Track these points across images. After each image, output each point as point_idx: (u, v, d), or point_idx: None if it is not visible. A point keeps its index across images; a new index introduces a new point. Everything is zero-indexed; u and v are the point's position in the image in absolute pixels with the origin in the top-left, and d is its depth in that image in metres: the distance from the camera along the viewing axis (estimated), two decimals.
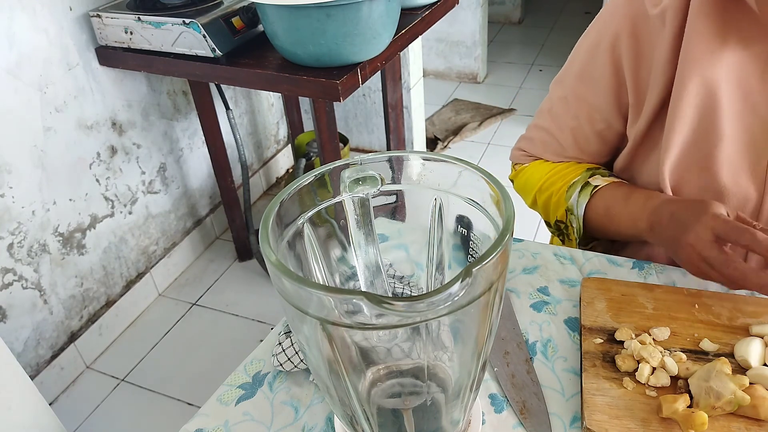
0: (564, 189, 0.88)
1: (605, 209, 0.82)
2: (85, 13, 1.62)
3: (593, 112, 0.85)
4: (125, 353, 1.87)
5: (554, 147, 0.92)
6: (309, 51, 1.32)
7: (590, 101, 0.85)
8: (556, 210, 0.90)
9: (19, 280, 1.59)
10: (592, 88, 0.84)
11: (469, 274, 0.41)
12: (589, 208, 0.84)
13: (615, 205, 0.81)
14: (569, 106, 0.88)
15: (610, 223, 0.82)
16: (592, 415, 0.58)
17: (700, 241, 0.67)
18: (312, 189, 0.54)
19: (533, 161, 0.96)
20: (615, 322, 0.68)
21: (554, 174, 0.91)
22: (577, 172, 0.88)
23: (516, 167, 1.00)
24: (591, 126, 0.87)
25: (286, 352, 0.67)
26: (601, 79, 0.82)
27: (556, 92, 0.91)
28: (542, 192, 0.92)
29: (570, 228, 0.88)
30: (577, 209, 0.85)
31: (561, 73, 0.90)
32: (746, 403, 0.56)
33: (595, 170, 0.88)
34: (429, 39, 3.20)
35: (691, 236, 0.68)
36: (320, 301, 0.43)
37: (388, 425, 0.56)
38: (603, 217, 0.83)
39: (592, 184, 0.85)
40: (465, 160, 0.53)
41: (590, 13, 3.95)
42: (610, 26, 0.79)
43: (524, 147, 0.98)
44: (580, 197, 0.85)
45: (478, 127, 2.83)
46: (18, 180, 1.54)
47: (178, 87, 1.99)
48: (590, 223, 0.85)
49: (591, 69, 0.83)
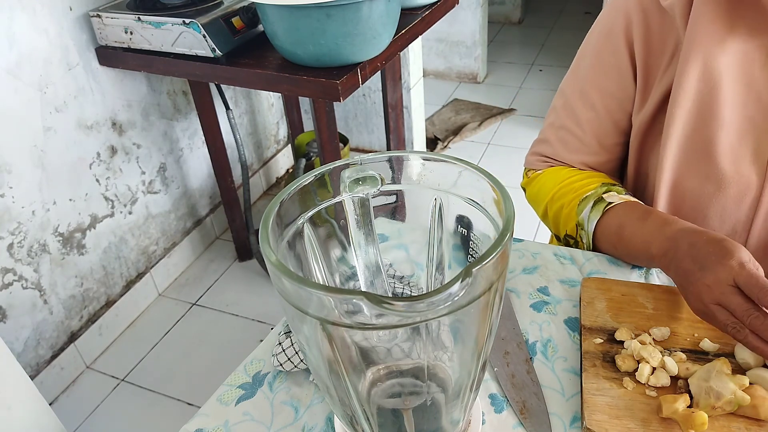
0: (576, 202, 0.84)
1: (618, 227, 0.78)
2: (85, 13, 1.62)
3: (610, 100, 0.84)
4: (125, 353, 1.87)
5: (573, 144, 0.89)
6: (309, 51, 1.32)
7: (607, 89, 0.84)
8: (567, 223, 0.86)
9: (19, 280, 1.59)
10: (609, 75, 0.83)
11: (469, 274, 0.41)
12: (600, 225, 0.80)
13: (629, 225, 0.77)
14: (586, 97, 0.86)
15: (620, 242, 0.78)
16: (592, 415, 0.58)
17: (719, 285, 0.62)
18: (312, 189, 0.54)
19: (549, 167, 0.92)
20: (615, 322, 0.68)
21: (568, 185, 0.87)
22: (591, 186, 0.84)
23: (529, 174, 0.96)
24: (609, 115, 0.85)
25: (286, 352, 0.67)
26: (617, 64, 0.82)
27: (570, 86, 0.89)
28: (554, 202, 0.88)
29: (580, 243, 0.85)
30: (588, 224, 0.81)
31: (573, 68, 0.89)
32: (746, 403, 0.56)
33: (611, 186, 0.84)
34: (429, 39, 3.20)
35: (710, 277, 0.62)
36: (320, 301, 0.43)
37: (388, 425, 0.56)
38: (614, 236, 0.79)
39: (606, 200, 0.80)
40: (465, 160, 0.53)
41: (590, 13, 3.96)
42: (622, 13, 0.80)
43: (540, 151, 0.94)
44: (592, 213, 0.81)
45: (478, 127, 2.83)
46: (18, 180, 1.54)
47: (178, 87, 1.99)
48: (600, 241, 0.81)
49: (605, 56, 0.83)
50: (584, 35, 0.88)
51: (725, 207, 0.78)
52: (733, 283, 0.61)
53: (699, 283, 0.63)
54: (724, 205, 0.78)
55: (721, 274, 0.62)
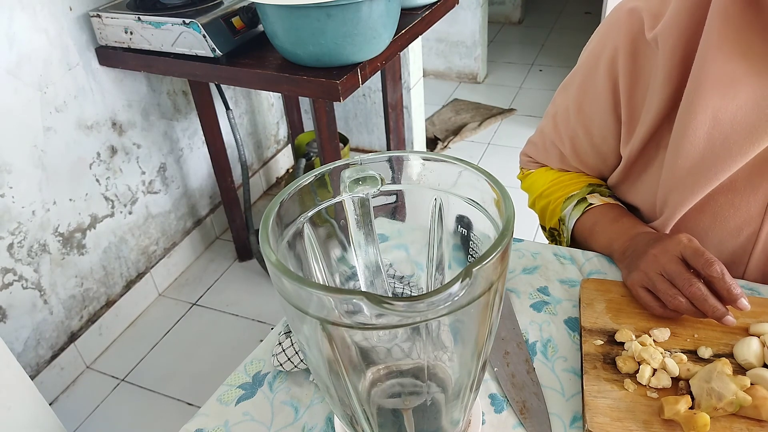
0: (561, 200, 0.89)
1: (592, 225, 0.84)
2: (85, 13, 1.62)
3: (591, 125, 0.84)
4: (125, 353, 1.87)
5: (556, 155, 0.92)
6: (309, 51, 1.32)
7: (589, 114, 0.84)
8: (551, 218, 0.92)
9: (19, 280, 1.59)
10: (591, 101, 0.82)
11: (469, 274, 0.40)
12: (578, 222, 0.86)
13: (600, 224, 0.83)
14: (570, 116, 0.87)
15: (591, 237, 0.84)
16: (593, 418, 0.58)
17: (665, 254, 0.67)
18: (312, 189, 0.54)
19: (539, 167, 0.97)
20: (615, 323, 0.68)
21: (556, 184, 0.92)
22: (578, 186, 0.89)
23: (523, 170, 1.02)
24: (588, 139, 0.86)
25: (286, 352, 0.67)
26: (599, 93, 0.80)
27: (560, 99, 0.89)
28: (542, 198, 0.94)
29: (561, 237, 0.91)
30: (568, 221, 0.87)
31: (568, 79, 0.89)
32: (748, 403, 0.55)
33: (596, 187, 0.88)
34: (429, 39, 3.20)
35: (658, 248, 0.68)
36: (320, 301, 0.43)
37: (388, 425, 0.56)
38: (587, 232, 0.85)
39: (588, 201, 0.86)
40: (465, 160, 0.53)
41: (590, 13, 3.96)
42: (610, 41, 0.77)
43: (530, 152, 0.99)
44: (574, 211, 0.87)
45: (478, 127, 2.83)
46: (18, 180, 1.54)
47: (178, 87, 1.99)
48: (576, 236, 0.88)
49: (590, 82, 0.82)
50: (584, 35, 0.88)
51: (722, 239, 0.76)
52: (680, 255, 0.67)
53: (647, 255, 0.69)
54: (722, 237, 0.76)
55: (669, 245, 0.68)
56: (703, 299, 0.64)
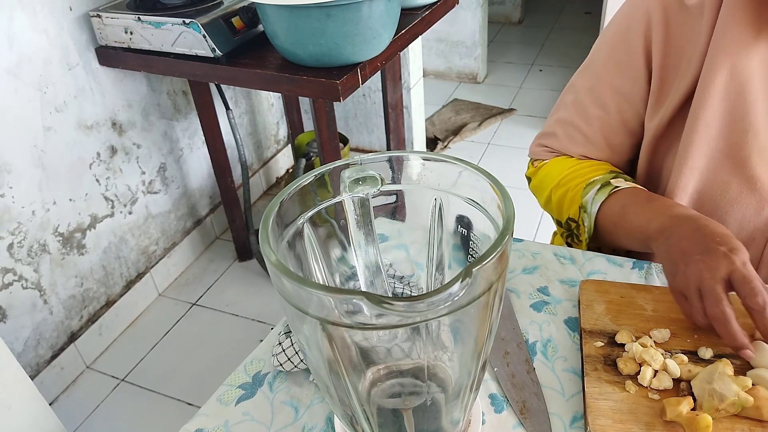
0: (582, 186, 0.84)
1: (621, 208, 0.78)
2: (85, 13, 1.62)
3: (622, 101, 0.83)
4: (125, 353, 1.87)
5: (580, 140, 0.89)
6: (309, 51, 1.32)
7: (620, 89, 0.82)
8: (570, 207, 0.86)
9: (19, 280, 1.59)
10: (622, 75, 0.82)
11: (469, 274, 0.40)
12: (604, 206, 0.80)
13: (633, 205, 0.77)
14: (597, 95, 0.85)
15: (621, 221, 0.78)
16: (596, 420, 0.58)
17: (715, 272, 0.62)
18: (312, 189, 0.54)
19: (555, 156, 0.93)
20: (615, 324, 0.68)
21: (575, 171, 0.87)
22: (599, 172, 0.85)
23: (535, 164, 0.96)
24: (619, 116, 0.84)
25: (286, 352, 0.67)
26: (632, 65, 0.80)
27: (581, 82, 0.88)
28: (559, 187, 0.88)
29: (581, 227, 0.85)
30: (591, 206, 0.82)
31: (585, 64, 0.88)
32: (749, 404, 0.55)
33: (618, 173, 0.85)
34: (429, 39, 3.20)
35: (712, 262, 0.63)
36: (320, 301, 0.43)
37: (388, 425, 0.56)
38: (616, 216, 0.79)
39: (613, 185, 0.81)
40: (465, 160, 0.53)
41: (590, 13, 3.95)
42: (641, 11, 0.78)
43: (546, 143, 0.94)
44: (598, 194, 0.81)
45: (478, 127, 2.83)
46: (18, 180, 1.54)
47: (178, 87, 1.99)
48: (601, 222, 0.82)
49: (621, 55, 0.81)
50: (584, 35, 0.89)
51: (745, 215, 0.76)
52: (727, 277, 0.62)
53: (699, 263, 0.64)
54: (744, 212, 0.76)
55: (722, 264, 0.63)
56: (724, 323, 0.60)
